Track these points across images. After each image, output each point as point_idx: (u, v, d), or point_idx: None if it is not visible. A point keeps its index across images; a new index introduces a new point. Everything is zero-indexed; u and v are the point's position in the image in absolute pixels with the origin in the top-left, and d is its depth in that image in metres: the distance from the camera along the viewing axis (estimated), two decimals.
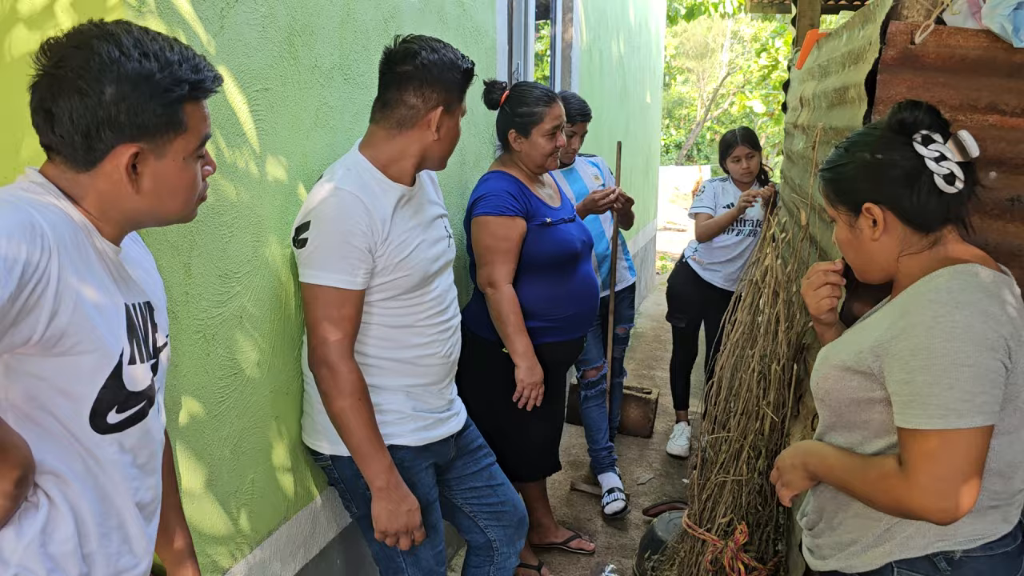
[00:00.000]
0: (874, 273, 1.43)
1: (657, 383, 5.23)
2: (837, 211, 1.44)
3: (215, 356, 1.63)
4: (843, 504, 1.44)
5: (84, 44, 1.01)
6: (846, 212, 1.41)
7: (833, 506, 1.47)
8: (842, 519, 1.45)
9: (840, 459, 1.39)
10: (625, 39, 6.33)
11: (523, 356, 2.51)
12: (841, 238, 1.45)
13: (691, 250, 4.09)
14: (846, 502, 1.43)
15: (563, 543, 3.22)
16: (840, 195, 1.41)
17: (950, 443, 1.18)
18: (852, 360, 1.36)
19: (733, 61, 20.69)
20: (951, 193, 1.30)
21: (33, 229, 0.94)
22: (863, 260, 1.42)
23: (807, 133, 2.61)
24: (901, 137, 1.33)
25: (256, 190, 1.72)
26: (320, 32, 1.92)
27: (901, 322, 1.27)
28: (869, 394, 1.34)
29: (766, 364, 2.22)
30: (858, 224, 1.39)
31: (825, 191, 1.46)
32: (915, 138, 1.32)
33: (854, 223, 1.40)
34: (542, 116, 2.56)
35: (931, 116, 1.33)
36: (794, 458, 1.51)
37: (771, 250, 2.32)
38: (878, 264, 1.40)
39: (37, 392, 1.01)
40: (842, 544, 1.44)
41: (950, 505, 1.17)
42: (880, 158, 1.34)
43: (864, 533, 1.39)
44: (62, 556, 1.06)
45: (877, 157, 1.34)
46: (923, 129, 1.32)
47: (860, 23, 1.94)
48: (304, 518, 2.00)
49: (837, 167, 1.42)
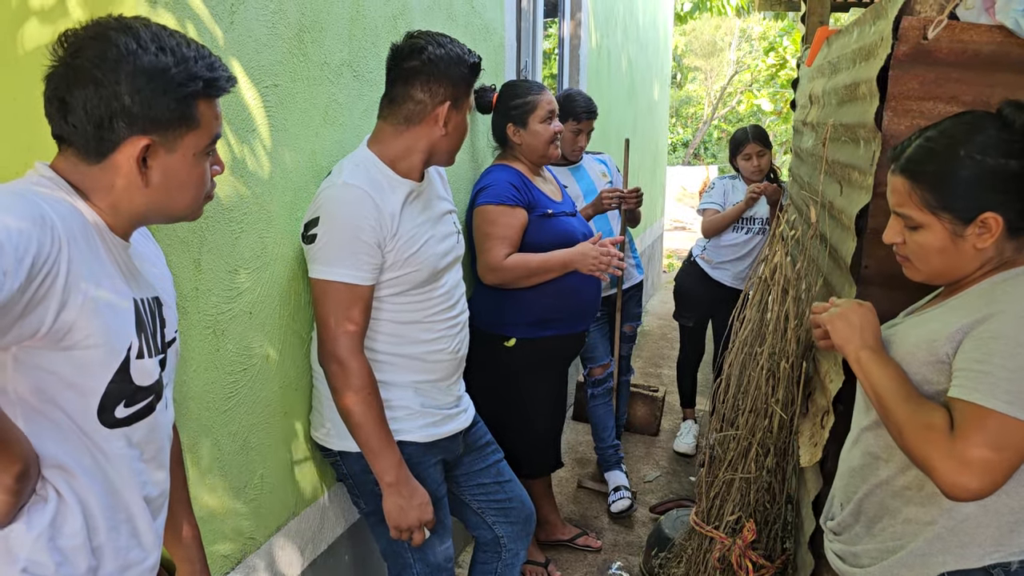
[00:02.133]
0: (952, 278, 1.35)
1: (664, 381, 5.22)
2: (937, 217, 1.30)
3: (224, 351, 1.64)
4: (890, 510, 1.38)
5: (102, 35, 1.02)
6: (952, 220, 1.28)
7: (876, 510, 1.41)
8: (887, 524, 1.38)
9: (897, 382, 1.29)
10: (633, 37, 6.32)
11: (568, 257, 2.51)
12: (932, 245, 1.32)
13: (699, 248, 4.08)
14: (895, 508, 1.37)
15: (570, 540, 3.22)
16: (948, 200, 1.28)
17: (1006, 429, 1.15)
18: (925, 352, 1.29)
19: (741, 60, 20.63)
20: None
21: (44, 221, 0.94)
22: (952, 267, 1.32)
23: (816, 130, 2.59)
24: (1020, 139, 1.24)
25: (265, 186, 1.72)
26: (329, 28, 1.92)
27: (988, 309, 1.22)
28: (940, 387, 1.27)
29: (775, 362, 2.21)
30: (965, 232, 1.28)
31: (921, 193, 1.31)
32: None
33: (960, 231, 1.28)
34: (536, 104, 2.61)
35: None
36: (864, 328, 1.39)
37: (780, 247, 2.31)
38: (965, 270, 1.32)
39: (46, 386, 1.02)
40: (886, 551, 1.38)
41: (974, 485, 1.15)
42: (1003, 163, 1.24)
43: (913, 539, 1.33)
44: (71, 549, 1.06)
45: (1000, 161, 1.23)
46: None
47: (871, 19, 1.93)
48: (312, 514, 2.00)
49: (945, 169, 1.28)
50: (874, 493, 1.42)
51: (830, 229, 2.20)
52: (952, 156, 1.28)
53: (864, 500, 1.44)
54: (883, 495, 1.40)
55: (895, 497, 1.38)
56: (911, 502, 1.35)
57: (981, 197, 1.26)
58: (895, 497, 1.38)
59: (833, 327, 1.44)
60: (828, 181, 2.26)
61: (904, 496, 1.36)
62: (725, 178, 4.03)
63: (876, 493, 1.41)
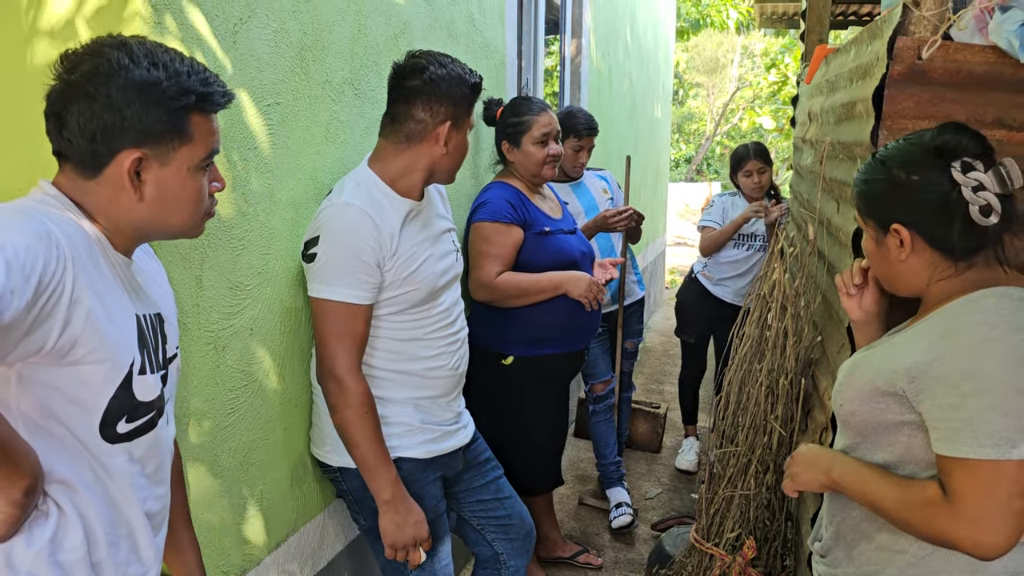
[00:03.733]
0: (901, 290, 1.37)
1: (666, 398, 5.22)
2: (866, 224, 1.39)
3: (225, 368, 1.65)
4: (866, 534, 1.37)
5: (97, 52, 1.04)
6: (874, 228, 1.36)
7: (854, 535, 1.40)
8: (863, 550, 1.38)
9: (875, 477, 1.30)
10: (634, 54, 6.36)
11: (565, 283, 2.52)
12: (869, 250, 1.40)
13: (700, 265, 4.09)
14: (869, 532, 1.36)
15: (570, 557, 3.21)
16: (869, 210, 1.36)
17: (1003, 474, 1.11)
18: (884, 381, 1.28)
19: (743, 76, 20.73)
20: (984, 225, 1.23)
21: (50, 239, 0.96)
22: (889, 276, 1.38)
23: (815, 148, 2.61)
24: (938, 161, 1.26)
25: (267, 203, 1.74)
26: (331, 47, 1.94)
27: (943, 343, 1.20)
28: (899, 417, 1.27)
29: (774, 378, 2.22)
30: (885, 242, 1.34)
31: (855, 201, 1.41)
32: (954, 165, 1.24)
33: (881, 240, 1.35)
34: (530, 124, 2.61)
35: (976, 143, 1.26)
36: (818, 459, 1.43)
37: (779, 264, 2.32)
38: (904, 283, 1.35)
39: (49, 402, 1.03)
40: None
41: (999, 540, 1.12)
42: (915, 179, 1.27)
43: (887, 566, 1.33)
44: (71, 564, 1.06)
45: (912, 178, 1.28)
46: (965, 156, 1.25)
47: (868, 39, 1.95)
48: (312, 530, 2.00)
49: (869, 180, 1.36)
50: (851, 516, 1.41)
51: (828, 246, 2.21)
52: (877, 168, 1.35)
53: (843, 523, 1.43)
54: (859, 519, 1.39)
55: (869, 522, 1.37)
56: (883, 528, 1.34)
57: (889, 208, 1.32)
58: (869, 522, 1.37)
59: (797, 479, 1.47)
60: (826, 198, 2.27)
61: (877, 521, 1.35)
62: (725, 195, 4.04)
63: (853, 516, 1.41)
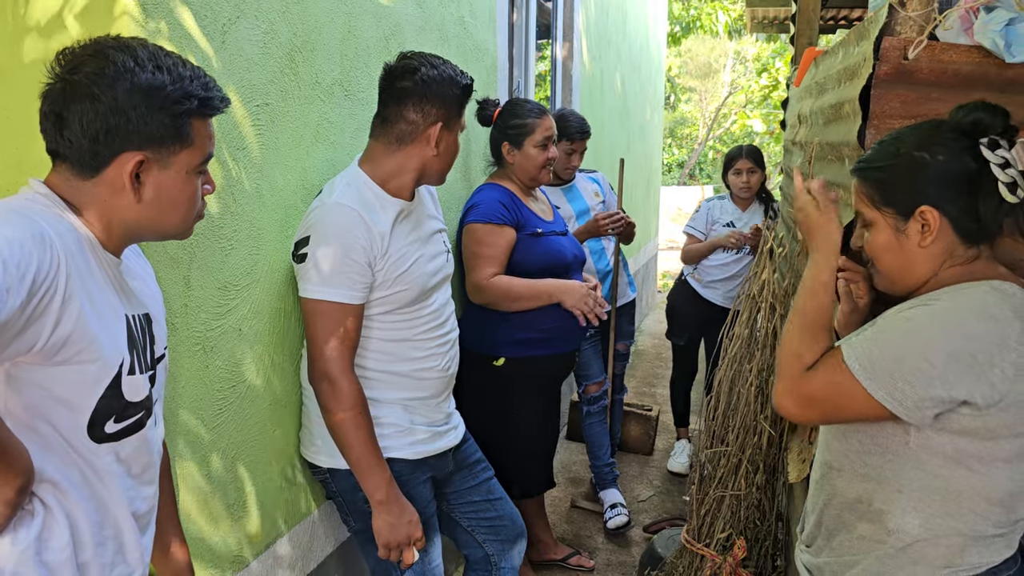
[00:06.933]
0: (909, 282, 1.36)
1: (658, 400, 5.22)
2: (881, 213, 1.35)
3: (214, 368, 1.64)
4: (846, 524, 1.39)
5: (100, 53, 1.04)
6: (894, 215, 1.33)
7: (835, 524, 1.42)
8: (844, 539, 1.40)
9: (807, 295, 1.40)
10: (626, 58, 6.38)
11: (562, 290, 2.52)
12: (880, 243, 1.36)
13: (690, 268, 4.10)
14: (850, 522, 1.38)
15: (562, 560, 3.21)
16: (889, 196, 1.33)
17: (845, 387, 1.28)
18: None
19: (735, 81, 20.80)
20: (1010, 203, 1.24)
21: (43, 238, 0.96)
22: (902, 267, 1.35)
23: (804, 149, 2.62)
24: (965, 140, 1.26)
25: (256, 204, 1.73)
26: (321, 48, 1.94)
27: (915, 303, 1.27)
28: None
29: (764, 378, 2.23)
30: (906, 228, 1.32)
31: (867, 190, 1.37)
32: (981, 142, 1.25)
33: (902, 227, 1.32)
34: (534, 127, 2.62)
35: (1003, 120, 1.27)
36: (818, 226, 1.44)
37: (768, 264, 2.32)
38: (917, 273, 1.33)
39: (37, 402, 1.02)
40: (844, 565, 1.39)
41: (793, 413, 1.37)
42: (940, 159, 1.27)
43: (866, 556, 1.35)
44: (57, 564, 1.06)
45: (938, 158, 1.27)
46: (993, 133, 1.26)
47: (855, 40, 1.96)
48: (302, 532, 2.00)
49: (885, 167, 1.33)
50: (831, 505, 1.43)
51: None
52: (893, 153, 1.34)
53: (824, 512, 1.45)
54: (839, 507, 1.41)
55: (849, 510, 1.39)
56: (863, 517, 1.36)
57: (915, 191, 1.30)
58: (849, 510, 1.39)
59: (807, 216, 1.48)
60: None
61: (857, 510, 1.37)
62: (713, 199, 4.05)
63: (833, 505, 1.43)
